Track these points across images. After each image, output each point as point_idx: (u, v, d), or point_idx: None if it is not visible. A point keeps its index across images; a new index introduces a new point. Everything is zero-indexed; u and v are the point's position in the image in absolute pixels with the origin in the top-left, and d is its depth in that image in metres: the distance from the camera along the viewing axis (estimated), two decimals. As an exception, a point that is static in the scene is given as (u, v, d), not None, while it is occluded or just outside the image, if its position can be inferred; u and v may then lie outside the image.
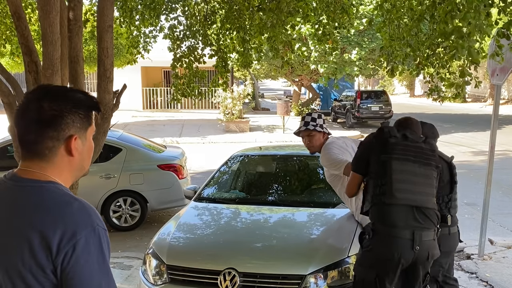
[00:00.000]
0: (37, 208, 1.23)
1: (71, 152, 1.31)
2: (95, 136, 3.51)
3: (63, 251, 1.19)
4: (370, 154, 2.87)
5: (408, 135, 2.86)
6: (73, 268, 1.20)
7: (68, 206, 1.25)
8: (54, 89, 1.37)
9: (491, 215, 5.86)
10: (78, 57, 3.58)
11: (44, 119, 1.26)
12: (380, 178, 2.77)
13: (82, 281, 1.21)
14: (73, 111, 1.29)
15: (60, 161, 1.31)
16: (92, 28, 10.06)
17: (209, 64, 6.77)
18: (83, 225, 1.22)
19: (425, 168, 2.81)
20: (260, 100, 31.30)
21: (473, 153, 12.36)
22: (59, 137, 1.28)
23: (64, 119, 1.28)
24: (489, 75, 5.15)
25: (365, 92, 20.85)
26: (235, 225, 3.88)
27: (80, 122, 1.31)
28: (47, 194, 1.26)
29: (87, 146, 1.37)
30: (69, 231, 1.20)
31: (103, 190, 6.47)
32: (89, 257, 1.22)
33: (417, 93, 41.60)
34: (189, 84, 6.37)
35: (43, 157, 1.29)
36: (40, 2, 2.94)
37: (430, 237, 2.75)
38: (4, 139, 6.61)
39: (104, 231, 1.28)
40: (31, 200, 1.25)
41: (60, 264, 1.19)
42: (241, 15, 6.02)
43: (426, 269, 2.84)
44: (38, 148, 1.28)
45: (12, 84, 3.64)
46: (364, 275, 2.81)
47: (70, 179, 1.37)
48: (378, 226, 2.77)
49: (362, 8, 15.54)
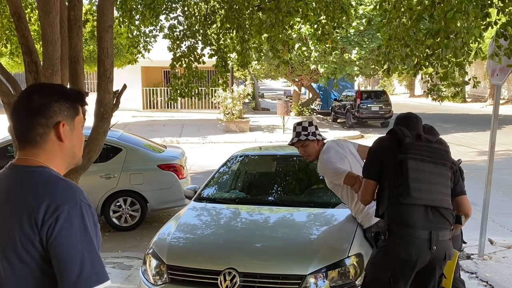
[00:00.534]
0: (27, 188, 1.36)
1: (61, 138, 1.43)
2: (95, 136, 3.51)
3: (47, 223, 1.30)
4: (383, 156, 2.85)
5: (422, 135, 2.85)
6: (56, 239, 1.30)
7: (53, 184, 1.37)
8: (43, 84, 1.56)
9: (491, 215, 5.86)
10: (78, 57, 3.58)
11: (34, 108, 1.40)
12: (397, 179, 2.74)
13: (65, 251, 1.30)
14: (60, 101, 1.43)
15: (51, 147, 1.43)
16: (92, 28, 10.06)
17: (209, 64, 6.77)
18: (66, 199, 1.33)
19: (440, 168, 2.79)
20: (260, 100, 31.30)
21: (473, 153, 12.36)
22: (48, 123, 1.41)
23: (52, 107, 1.41)
24: (489, 75, 5.15)
25: (365, 92, 20.85)
26: (235, 225, 3.88)
27: (67, 111, 1.45)
28: (37, 176, 1.39)
29: (76, 134, 1.49)
30: (52, 205, 1.31)
31: (103, 190, 6.47)
32: (71, 229, 1.31)
33: (417, 93, 41.59)
34: (187, 84, 6.37)
35: (35, 143, 1.42)
36: (40, 2, 2.94)
37: (446, 237, 2.74)
38: (4, 139, 6.61)
39: (88, 207, 1.37)
40: (23, 183, 1.38)
41: (45, 236, 1.30)
42: (241, 15, 6.02)
43: (442, 269, 2.82)
44: (30, 136, 1.41)
45: (12, 84, 3.64)
46: (377, 275, 2.80)
47: (62, 165, 1.49)
48: (394, 226, 2.73)
49: (362, 8, 15.54)
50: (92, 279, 1.32)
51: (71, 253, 1.31)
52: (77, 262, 1.31)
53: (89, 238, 1.34)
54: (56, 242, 1.30)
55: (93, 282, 1.32)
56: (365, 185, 2.93)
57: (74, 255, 1.31)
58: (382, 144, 2.95)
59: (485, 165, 5.15)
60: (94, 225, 1.39)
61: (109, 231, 6.58)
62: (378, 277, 2.79)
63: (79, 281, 1.30)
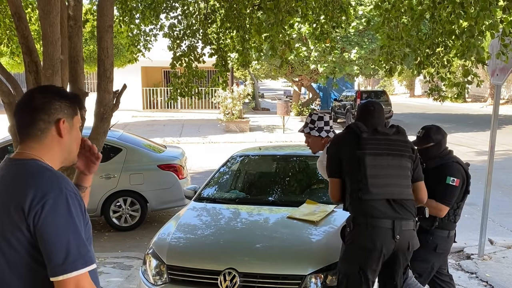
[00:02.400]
0: (16, 179, 1.47)
1: (61, 133, 1.55)
2: (95, 137, 3.51)
3: (34, 210, 1.39)
4: (341, 152, 2.88)
5: (378, 129, 2.87)
6: (43, 225, 1.39)
7: (40, 175, 1.47)
8: (45, 86, 1.73)
9: (491, 215, 5.86)
10: (78, 57, 3.58)
11: (37, 105, 1.53)
12: (355, 175, 2.79)
13: (50, 236, 1.39)
14: (61, 100, 1.57)
15: (50, 142, 1.55)
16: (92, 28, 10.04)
17: (209, 64, 6.77)
18: (51, 188, 1.43)
19: (399, 159, 2.82)
20: (260, 100, 31.29)
21: (473, 153, 12.36)
22: (50, 119, 1.53)
23: (53, 104, 1.54)
24: (489, 75, 5.15)
25: (365, 92, 20.83)
26: (235, 225, 3.88)
27: (67, 109, 1.58)
28: (26, 167, 1.49)
29: (74, 132, 1.62)
30: (39, 194, 1.41)
31: (103, 190, 6.47)
32: (57, 215, 1.41)
33: (417, 93, 41.58)
34: (187, 83, 6.37)
35: (35, 137, 1.53)
36: (41, 2, 2.94)
37: (410, 227, 2.77)
38: (4, 139, 6.61)
39: (73, 195, 1.47)
40: (13, 175, 1.49)
41: (32, 222, 1.39)
42: (241, 14, 6.01)
43: (406, 260, 2.85)
44: (31, 130, 1.53)
45: (12, 84, 3.64)
46: (348, 269, 2.82)
47: (58, 160, 1.59)
48: (359, 218, 2.78)
49: (362, 8, 15.54)
50: (78, 262, 1.40)
51: (56, 238, 1.39)
52: (63, 246, 1.39)
53: (74, 224, 1.43)
54: (42, 228, 1.39)
55: (80, 265, 1.40)
56: (331, 183, 2.98)
57: (60, 239, 1.39)
58: (339, 140, 2.99)
59: (485, 165, 5.15)
60: (80, 212, 1.47)
61: (109, 231, 6.58)
62: (349, 272, 2.81)
63: (65, 264, 1.39)
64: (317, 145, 3.51)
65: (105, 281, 4.50)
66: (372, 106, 3.03)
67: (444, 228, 3.31)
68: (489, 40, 4.90)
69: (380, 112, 3.03)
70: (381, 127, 2.92)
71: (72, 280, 1.39)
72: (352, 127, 2.91)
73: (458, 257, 5.08)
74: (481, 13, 3.45)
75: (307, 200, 4.02)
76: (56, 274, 1.39)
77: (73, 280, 1.39)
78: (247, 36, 6.17)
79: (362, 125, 2.89)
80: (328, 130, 3.49)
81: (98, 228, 6.76)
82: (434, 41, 4.61)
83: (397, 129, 2.94)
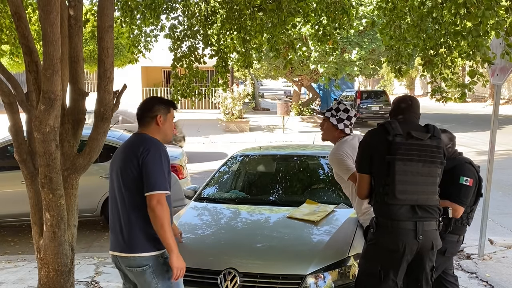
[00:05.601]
0: (136, 141, 2.69)
1: (158, 124, 2.72)
2: (95, 137, 3.52)
3: (142, 156, 2.56)
4: (373, 153, 2.83)
5: (413, 134, 2.78)
6: (145, 164, 2.55)
7: (148, 139, 2.66)
8: (151, 96, 3.20)
9: (491, 215, 5.87)
10: (78, 57, 3.57)
11: (146, 108, 2.76)
12: (384, 178, 2.75)
13: (148, 169, 2.54)
14: (160, 103, 2.77)
15: (153, 128, 2.73)
16: (92, 28, 10.04)
17: (209, 64, 6.77)
18: (152, 146, 2.60)
19: (429, 166, 2.77)
20: (260, 100, 31.29)
21: (473, 153, 12.35)
22: (152, 115, 2.72)
23: (154, 106, 2.74)
24: (489, 75, 5.15)
25: (365, 92, 20.87)
26: (235, 225, 3.88)
27: (163, 109, 2.75)
28: (141, 136, 2.70)
29: (167, 123, 2.77)
30: (145, 148, 2.58)
31: (103, 190, 6.43)
32: (153, 159, 2.56)
33: (417, 93, 41.56)
34: (188, 84, 6.37)
35: (146, 124, 2.73)
36: (41, 2, 2.94)
37: (432, 227, 2.76)
38: (4, 139, 6.60)
39: (164, 152, 2.63)
40: (135, 139, 2.71)
41: (141, 161, 2.55)
42: (242, 15, 6.01)
43: (431, 261, 2.83)
44: (143, 121, 2.74)
45: (13, 84, 3.64)
46: (368, 267, 2.82)
47: (159, 138, 2.72)
48: (381, 220, 2.78)
49: (362, 9, 15.53)
50: (161, 186, 2.53)
51: (151, 171, 2.53)
52: (154, 177, 2.52)
53: (161, 167, 2.56)
54: (145, 165, 2.54)
55: (162, 188, 2.53)
56: (360, 179, 2.93)
57: (153, 172, 2.52)
58: (372, 140, 2.89)
59: (485, 165, 5.14)
60: (167, 162, 2.63)
61: (109, 231, 6.57)
62: (369, 270, 2.81)
63: (155, 185, 2.51)
64: (329, 134, 3.47)
65: (105, 281, 4.50)
66: (409, 100, 2.98)
67: (455, 233, 3.31)
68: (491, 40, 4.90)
69: (417, 107, 2.97)
70: (416, 130, 2.81)
71: (156, 196, 2.50)
72: (387, 128, 2.80)
73: (458, 257, 5.08)
74: (486, 12, 3.45)
75: (307, 200, 4.02)
76: (148, 191, 2.51)
77: (156, 195, 2.50)
78: (248, 37, 6.17)
79: (397, 127, 2.79)
80: (347, 125, 3.44)
81: (98, 228, 6.75)
82: (437, 42, 4.61)
83: (432, 133, 2.83)
